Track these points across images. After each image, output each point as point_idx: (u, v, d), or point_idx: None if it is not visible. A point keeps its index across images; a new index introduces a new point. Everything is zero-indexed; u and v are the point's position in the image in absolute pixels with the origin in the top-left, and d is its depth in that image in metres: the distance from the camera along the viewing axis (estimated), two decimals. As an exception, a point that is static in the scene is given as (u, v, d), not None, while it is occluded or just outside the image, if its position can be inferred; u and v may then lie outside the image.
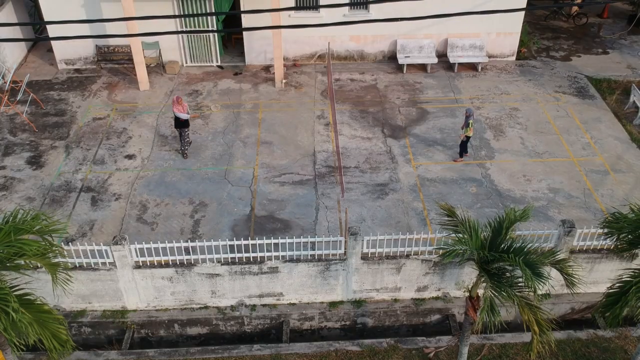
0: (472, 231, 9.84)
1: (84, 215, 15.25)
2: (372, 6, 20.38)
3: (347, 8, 20.42)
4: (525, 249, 9.68)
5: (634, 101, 19.23)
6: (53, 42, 20.87)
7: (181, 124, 16.57)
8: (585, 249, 12.98)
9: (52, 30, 20.32)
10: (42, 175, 16.50)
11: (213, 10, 20.00)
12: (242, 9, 20.15)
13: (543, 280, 9.25)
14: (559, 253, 10.23)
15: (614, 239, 10.86)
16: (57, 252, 10.08)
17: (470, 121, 16.16)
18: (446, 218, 10.54)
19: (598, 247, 12.96)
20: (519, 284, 9.72)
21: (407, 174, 16.63)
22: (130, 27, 18.54)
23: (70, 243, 13.91)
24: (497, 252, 9.60)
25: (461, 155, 16.90)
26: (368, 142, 17.84)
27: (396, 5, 20.28)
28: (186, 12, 20.02)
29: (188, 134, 16.85)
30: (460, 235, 10.01)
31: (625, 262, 12.94)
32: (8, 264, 9.47)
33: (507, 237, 9.98)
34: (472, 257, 10.01)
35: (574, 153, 17.46)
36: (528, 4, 21.41)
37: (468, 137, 16.58)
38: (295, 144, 17.75)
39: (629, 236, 10.58)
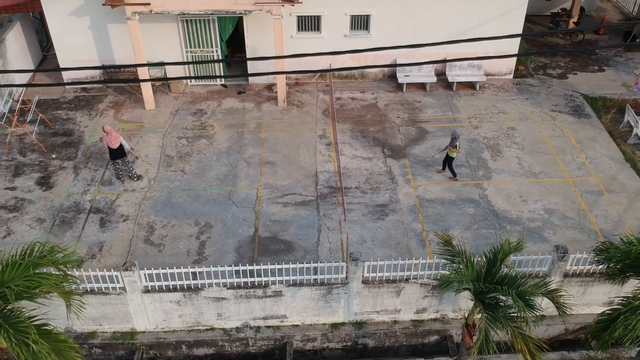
0: (468, 263, 10.32)
1: (93, 236, 15.72)
2: (372, 27, 20.82)
3: (348, 29, 20.89)
4: (519, 281, 10.16)
5: (628, 120, 19.69)
6: (60, 59, 21.30)
7: (116, 155, 16.83)
8: (578, 273, 13.44)
9: (60, 52, 20.85)
10: (51, 196, 16.98)
11: (217, 32, 20.45)
12: (245, 31, 20.63)
13: (535, 312, 9.73)
14: (551, 283, 10.70)
15: (605, 266, 11.37)
16: (71, 281, 10.57)
17: (457, 143, 16.83)
18: (444, 247, 11.03)
19: (591, 271, 13.42)
20: (513, 314, 10.21)
21: (406, 194, 17.09)
22: (137, 53, 19.00)
23: (80, 265, 14.46)
24: (491, 284, 10.08)
25: (444, 168, 17.59)
26: (369, 162, 18.31)
27: (397, 27, 20.78)
28: (190, 34, 20.49)
29: (125, 161, 17.09)
30: (457, 265, 10.49)
31: (617, 285, 13.36)
32: (25, 295, 9.97)
33: (502, 267, 10.46)
34: (468, 287, 10.48)
35: (569, 173, 17.92)
36: (525, 24, 21.83)
37: (452, 158, 17.20)
38: (297, 164, 18.22)
39: (619, 264, 11.07)
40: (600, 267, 11.91)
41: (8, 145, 18.67)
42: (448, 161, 17.34)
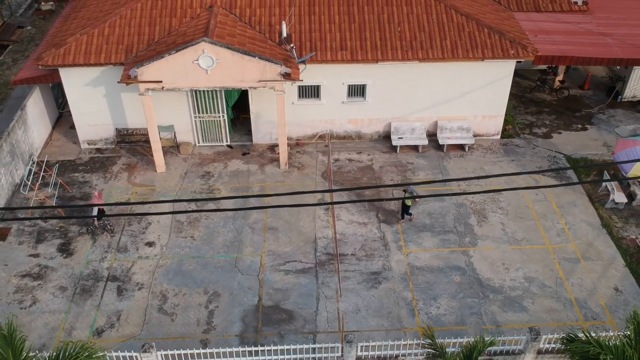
0: (446, 361, 11.82)
1: (111, 305, 17.21)
2: (368, 95, 22.30)
3: (345, 95, 22.35)
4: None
5: (605, 185, 21.12)
6: (77, 123, 22.78)
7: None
8: (550, 350, 14.92)
9: (77, 117, 22.36)
10: (72, 264, 18.46)
11: (224, 100, 21.94)
12: (250, 98, 22.09)
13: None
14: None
15: (569, 355, 12.88)
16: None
17: (407, 194, 18.94)
18: (427, 342, 12.57)
19: (562, 349, 14.87)
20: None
21: (398, 261, 18.55)
22: (150, 123, 20.54)
23: (101, 335, 16.02)
24: (466, 382, 11.58)
25: (403, 217, 19.79)
26: (364, 228, 19.76)
27: (391, 95, 22.26)
28: (199, 101, 21.99)
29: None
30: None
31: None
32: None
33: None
34: (447, 382, 11.99)
35: (549, 239, 19.37)
36: (514, 80, 23.18)
37: (407, 206, 19.39)
38: (298, 229, 19.68)
39: (582, 357, 12.56)
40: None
41: (31, 212, 20.18)
42: (405, 209, 19.45)
